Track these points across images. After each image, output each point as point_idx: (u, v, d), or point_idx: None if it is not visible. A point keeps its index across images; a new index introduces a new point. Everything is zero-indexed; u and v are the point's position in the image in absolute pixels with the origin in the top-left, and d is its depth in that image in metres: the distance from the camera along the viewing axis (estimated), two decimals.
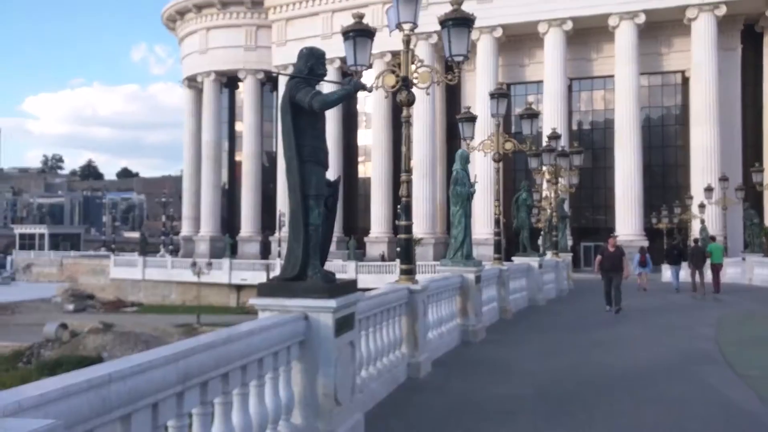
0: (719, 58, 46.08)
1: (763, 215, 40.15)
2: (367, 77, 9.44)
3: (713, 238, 28.35)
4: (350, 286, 5.56)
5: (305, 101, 5.09)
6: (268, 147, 66.33)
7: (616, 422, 6.46)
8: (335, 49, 34.26)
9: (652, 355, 10.37)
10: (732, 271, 31.43)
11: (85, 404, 2.63)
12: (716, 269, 24.05)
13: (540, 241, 26.24)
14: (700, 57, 46.03)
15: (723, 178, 38.26)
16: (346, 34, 9.36)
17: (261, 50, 63.18)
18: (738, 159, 46.79)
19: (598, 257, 17.13)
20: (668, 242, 40.75)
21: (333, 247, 52.95)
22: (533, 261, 18.59)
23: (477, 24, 12.13)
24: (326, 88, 5.71)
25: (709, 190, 39.00)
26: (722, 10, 45.47)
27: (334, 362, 4.95)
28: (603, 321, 14.79)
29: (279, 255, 51.25)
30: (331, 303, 4.97)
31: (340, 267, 44.67)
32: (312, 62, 5.38)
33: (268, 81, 64.61)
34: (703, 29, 45.91)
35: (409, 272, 8.65)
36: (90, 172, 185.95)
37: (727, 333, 13.02)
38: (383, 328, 7.20)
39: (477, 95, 47.71)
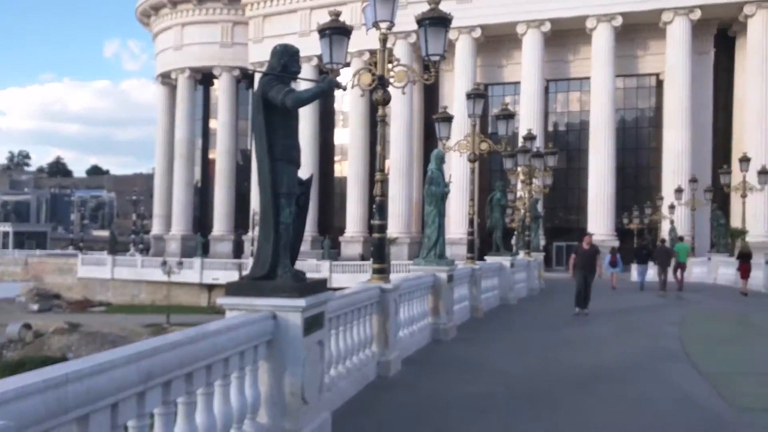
0: (693, 62, 46.89)
1: (730, 216, 40.97)
2: (345, 75, 9.45)
3: (681, 238, 29.21)
4: (320, 286, 5.55)
5: (278, 99, 5.06)
6: (242, 145, 65.82)
7: (584, 420, 6.55)
8: (313, 46, 34.00)
9: (619, 353, 10.55)
10: (698, 271, 32.16)
11: (40, 405, 2.58)
12: (681, 268, 24.81)
13: (513, 241, 26.48)
14: (675, 60, 46.78)
15: (693, 180, 39.11)
16: (323, 31, 9.36)
17: (237, 47, 62.66)
18: (708, 161, 47.69)
19: (573, 256, 16.82)
20: (638, 242, 41.49)
21: (307, 247, 52.55)
22: (505, 260, 18.74)
23: (456, 24, 12.22)
24: (302, 86, 5.69)
25: (679, 191, 39.78)
26: (697, 15, 46.26)
27: (302, 361, 4.93)
28: (570, 320, 14.97)
29: (252, 254, 50.84)
30: (300, 302, 4.95)
31: (314, 266, 44.48)
32: (285, 59, 5.35)
33: (244, 78, 64.12)
34: (678, 33, 46.65)
35: (381, 271, 8.66)
36: (58, 169, 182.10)
37: (691, 331, 13.34)
38: (354, 326, 7.20)
39: (455, 95, 47.93)
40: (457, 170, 40.39)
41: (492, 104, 47.36)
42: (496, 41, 52.66)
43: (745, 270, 23.50)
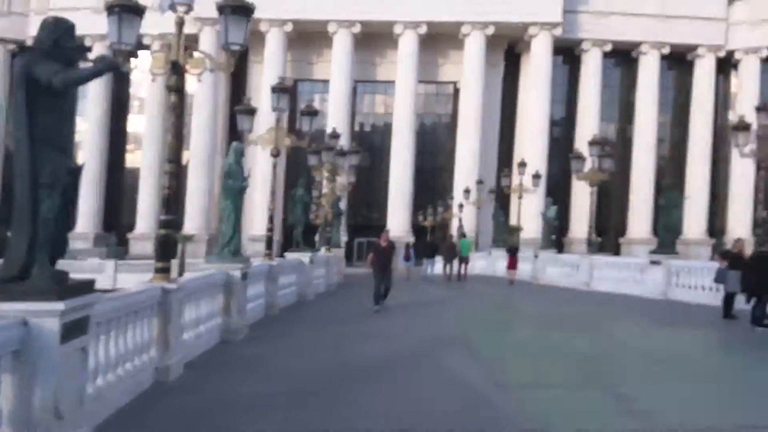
0: (486, 73, 51.27)
1: (509, 215, 45.62)
2: (144, 58, 8.90)
3: (464, 235, 32.16)
4: (86, 287, 5.11)
5: (45, 77, 4.54)
6: None
7: (360, 408, 6.80)
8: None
9: (405, 343, 11.15)
10: (481, 264, 35.39)
11: None
12: (464, 261, 27.36)
13: (317, 237, 26.88)
14: (470, 70, 50.75)
15: (479, 182, 43.15)
16: (111, 8, 8.81)
17: (16, 17, 55.23)
18: (494, 165, 52.48)
19: (371, 255, 16.91)
20: (430, 238, 44.63)
21: (90, 245, 47.55)
22: (304, 257, 18.92)
23: (267, 15, 12.05)
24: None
25: (467, 191, 43.50)
26: (491, 30, 50.65)
27: (57, 372, 4.48)
28: (364, 314, 15.41)
29: None
30: (58, 306, 4.52)
31: (97, 266, 40.60)
32: (58, 34, 4.82)
33: (21, 52, 56.76)
34: (474, 45, 50.66)
35: (164, 270, 8.20)
36: None
37: (468, 319, 14.73)
38: (128, 331, 6.71)
39: (263, 88, 47.15)
40: (264, 165, 39.84)
41: (302, 100, 47.49)
42: (308, 37, 52.78)
43: (512, 262, 26.50)
